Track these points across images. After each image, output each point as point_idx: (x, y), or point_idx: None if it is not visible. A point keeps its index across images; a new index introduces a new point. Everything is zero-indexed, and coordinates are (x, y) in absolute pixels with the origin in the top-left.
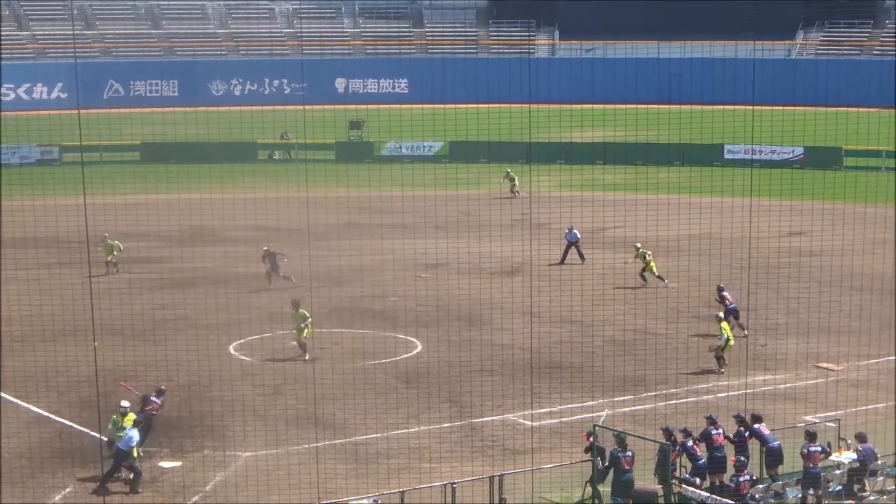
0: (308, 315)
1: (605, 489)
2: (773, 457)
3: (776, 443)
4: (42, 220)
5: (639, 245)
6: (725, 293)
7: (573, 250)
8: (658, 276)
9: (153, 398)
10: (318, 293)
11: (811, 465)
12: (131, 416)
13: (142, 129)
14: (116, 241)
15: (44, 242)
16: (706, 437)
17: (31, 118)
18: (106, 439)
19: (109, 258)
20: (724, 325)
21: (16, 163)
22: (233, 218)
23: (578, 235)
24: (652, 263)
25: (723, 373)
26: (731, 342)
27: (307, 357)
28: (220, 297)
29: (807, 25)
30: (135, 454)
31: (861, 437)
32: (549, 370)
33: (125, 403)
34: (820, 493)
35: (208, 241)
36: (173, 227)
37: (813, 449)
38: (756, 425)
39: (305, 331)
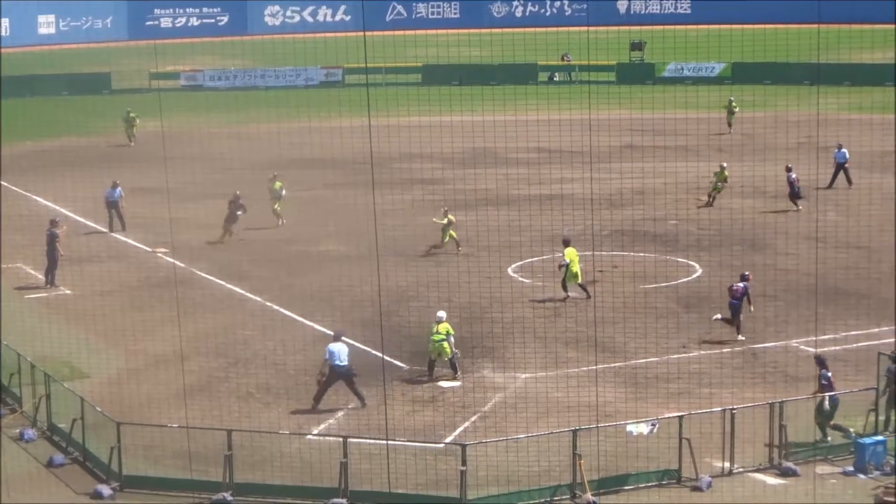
0: (576, 255)
1: None
2: None
3: None
4: (326, 141)
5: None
6: (793, 174)
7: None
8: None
9: (735, 285)
10: (599, 216)
11: None
12: (444, 326)
13: (425, 50)
14: (280, 184)
15: (327, 163)
16: None
17: (316, 41)
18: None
19: (276, 207)
20: None
21: (300, 85)
22: (513, 140)
23: (847, 156)
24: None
25: None
26: None
27: (568, 295)
28: (500, 219)
29: None
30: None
31: None
32: (833, 296)
33: (440, 314)
34: None
35: (489, 162)
36: (454, 148)
37: None
38: None
39: (576, 269)
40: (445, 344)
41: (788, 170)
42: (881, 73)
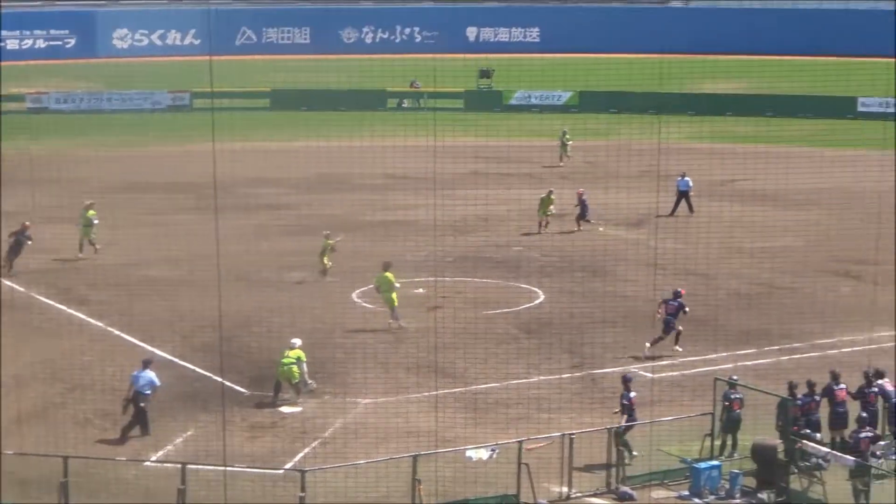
0: (393, 280)
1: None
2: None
3: None
4: (172, 166)
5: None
6: (584, 197)
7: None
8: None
9: (670, 301)
10: (443, 242)
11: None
12: (296, 352)
13: (273, 76)
14: (94, 213)
15: (173, 188)
16: (828, 393)
17: (164, 64)
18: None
19: (89, 237)
20: None
21: (147, 108)
22: (361, 165)
23: (690, 184)
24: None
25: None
26: None
27: (399, 324)
28: (346, 245)
29: None
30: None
31: None
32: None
33: (295, 340)
34: None
35: (337, 188)
36: (302, 173)
37: None
38: (879, 381)
39: (392, 295)
40: (294, 368)
41: (581, 193)
42: (723, 103)
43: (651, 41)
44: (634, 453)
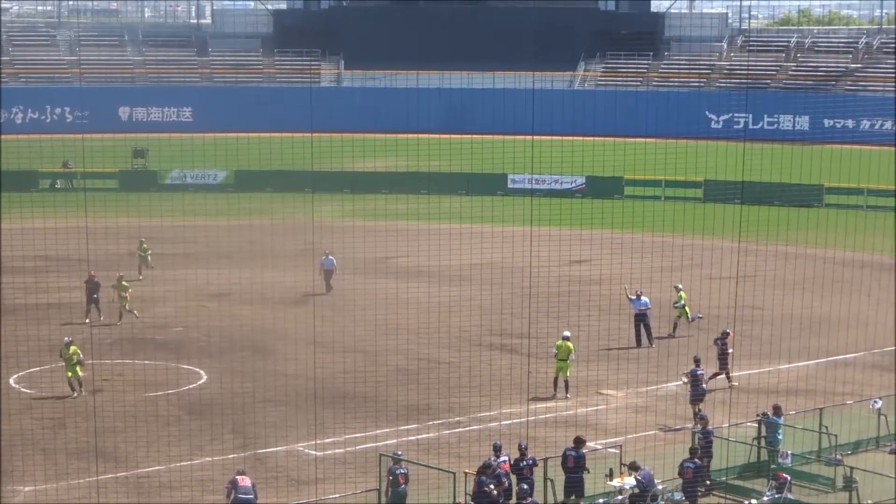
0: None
1: None
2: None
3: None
4: None
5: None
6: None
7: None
8: None
9: (718, 339)
10: (101, 324)
11: None
12: None
13: None
14: None
15: None
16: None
17: None
18: None
19: None
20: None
21: None
22: (13, 248)
23: (334, 263)
24: None
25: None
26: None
27: None
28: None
29: (588, 57)
30: None
31: (634, 467)
32: (334, 400)
33: None
34: None
35: None
36: None
37: None
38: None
39: None
40: None
41: (94, 275)
42: (378, 181)
43: (304, 120)
44: None
